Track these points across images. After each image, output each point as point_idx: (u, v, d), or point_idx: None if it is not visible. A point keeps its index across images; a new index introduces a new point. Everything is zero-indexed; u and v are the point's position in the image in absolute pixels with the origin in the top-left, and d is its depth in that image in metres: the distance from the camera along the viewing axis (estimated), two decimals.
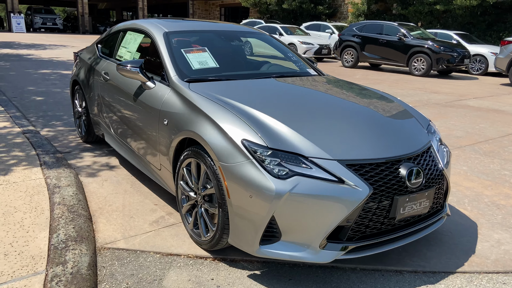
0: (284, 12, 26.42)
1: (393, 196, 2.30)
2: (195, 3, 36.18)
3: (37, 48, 16.86)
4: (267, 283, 2.37)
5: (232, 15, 34.61)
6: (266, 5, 27.27)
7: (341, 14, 26.00)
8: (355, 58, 15.43)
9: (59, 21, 31.00)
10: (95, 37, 27.35)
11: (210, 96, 2.73)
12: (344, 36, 15.91)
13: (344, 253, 2.25)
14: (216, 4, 35.78)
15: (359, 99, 3.09)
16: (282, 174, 2.19)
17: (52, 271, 2.26)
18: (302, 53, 17.54)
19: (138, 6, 32.87)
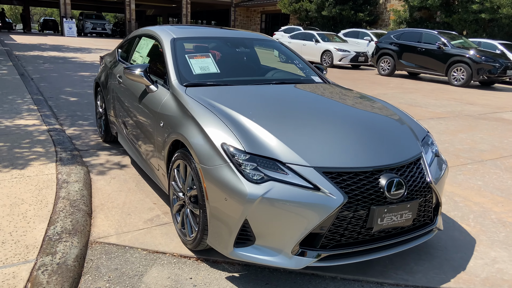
0: (324, 19, 26.28)
1: (370, 206, 2.28)
2: (237, 10, 36.71)
3: (83, 52, 17.70)
4: (243, 286, 2.41)
5: (273, 21, 34.82)
6: (305, 12, 27.25)
7: (382, 22, 25.54)
8: (391, 66, 15.12)
9: (108, 26, 32.42)
10: None
11: (202, 100, 2.82)
12: (381, 43, 15.64)
13: (316, 261, 2.26)
14: (258, 11, 36.13)
15: (353, 107, 3.07)
16: (257, 179, 2.24)
17: (41, 260, 2.42)
18: (338, 60, 17.41)
19: (182, 13, 33.78)
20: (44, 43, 21.19)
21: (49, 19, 41.45)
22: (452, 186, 4.13)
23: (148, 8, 51.76)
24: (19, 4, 53.40)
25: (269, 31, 32.88)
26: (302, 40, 19.35)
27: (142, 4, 44.93)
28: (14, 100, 6.49)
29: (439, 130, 6.65)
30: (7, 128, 4.91)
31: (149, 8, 51.70)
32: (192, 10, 39.85)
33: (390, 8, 24.25)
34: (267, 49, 4.17)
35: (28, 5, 50.97)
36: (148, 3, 40.62)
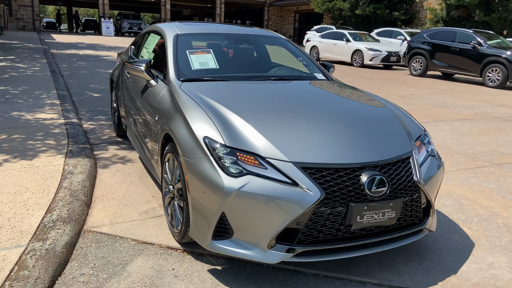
0: (358, 18, 25.88)
1: (348, 203, 2.24)
2: (271, 9, 36.72)
3: (116, 50, 18.23)
4: (222, 278, 2.43)
5: (306, 21, 34.60)
6: (339, 11, 26.92)
7: (418, 21, 24.87)
8: (423, 66, 14.70)
9: (143, 26, 33.19)
10: None
11: (193, 95, 2.85)
12: (413, 43, 15.23)
13: (292, 256, 2.25)
14: (291, 11, 36.01)
15: (347, 104, 3.02)
16: (235, 172, 2.25)
17: (32, 245, 2.52)
18: (369, 60, 17.10)
19: (216, 13, 34.15)
20: (81, 42, 21.98)
21: (91, 19, 42.92)
22: (462, 188, 3.98)
23: (184, 8, 52.65)
24: (63, 5, 55.72)
25: (302, 31, 32.72)
26: (332, 40, 19.14)
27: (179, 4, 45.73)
28: (39, 95, 6.78)
29: (462, 131, 6.42)
30: (27, 121, 5.14)
31: (185, 8, 52.58)
32: (226, 10, 40.21)
33: (427, 7, 23.57)
34: (274, 46, 4.15)
35: (71, 6, 53.05)
36: (184, 3, 41.31)
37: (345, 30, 20.26)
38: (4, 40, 17.78)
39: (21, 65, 10.25)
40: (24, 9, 27.52)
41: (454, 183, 4.13)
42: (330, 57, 19.15)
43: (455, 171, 4.50)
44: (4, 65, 10.02)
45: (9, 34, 22.00)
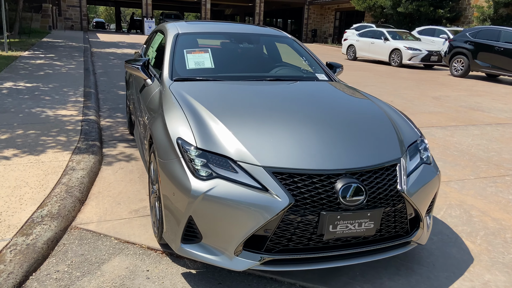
0: (400, 16, 25.06)
1: (320, 212, 2.13)
2: (311, 7, 36.30)
3: None
4: (194, 283, 2.38)
5: (347, 19, 33.92)
6: (380, 8, 26.19)
7: (465, 19, 23.73)
8: (465, 66, 13.99)
9: None
10: None
11: (179, 95, 2.82)
12: (455, 42, 14.53)
13: (260, 264, 2.16)
14: (332, 9, 35.42)
15: (336, 107, 2.87)
16: (204, 175, 2.19)
17: (15, 240, 2.58)
18: (407, 59, 16.50)
19: (255, 12, 34.19)
20: (123, 41, 22.67)
21: (136, 19, 44.29)
22: (475, 198, 3.72)
23: (226, 7, 53.14)
24: (112, 5, 57.90)
25: (342, 30, 32.08)
26: (370, 38, 18.63)
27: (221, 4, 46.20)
28: (66, 93, 7.02)
29: (492, 137, 6.03)
30: (46, 118, 5.33)
31: (227, 7, 53.06)
32: (266, 9, 40.17)
33: (474, 4, 22.45)
34: (280, 45, 4.05)
35: (119, 6, 54.94)
36: (226, 2, 41.65)
37: (385, 28, 19.64)
38: (50, 38, 18.64)
39: (58, 63, 10.69)
40: (72, 9, 28.75)
41: (468, 192, 3.87)
42: (368, 56, 18.65)
43: (473, 179, 4.22)
44: (42, 62, 10.48)
45: (56, 33, 23.04)
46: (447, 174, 4.32)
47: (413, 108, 8.02)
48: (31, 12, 21.35)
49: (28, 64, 9.95)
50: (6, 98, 6.33)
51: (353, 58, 19.53)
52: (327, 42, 35.23)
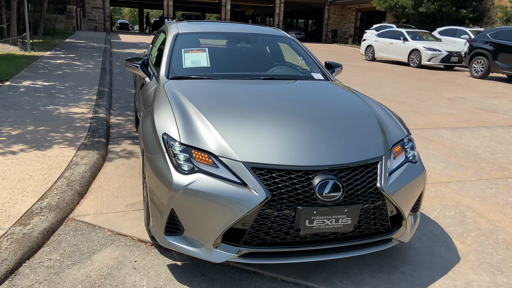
0: (422, 16, 24.68)
1: (296, 207, 2.18)
2: (331, 8, 36.11)
3: None
4: (178, 274, 2.46)
5: (368, 19, 33.59)
6: (402, 8, 25.85)
7: (488, 19, 23.20)
8: (485, 67, 13.70)
9: None
10: None
11: (170, 92, 2.91)
12: (475, 42, 14.24)
13: (238, 256, 2.22)
14: (353, 9, 35.15)
15: (323, 105, 2.90)
16: (186, 169, 2.27)
17: (13, 229, 2.72)
18: (427, 60, 16.26)
19: (275, 12, 34.25)
20: (143, 41, 23.07)
21: (159, 20, 44.95)
22: (473, 199, 3.69)
23: (247, 8, 53.36)
24: (136, 7, 58.98)
25: (363, 30, 31.81)
26: (389, 39, 18.43)
27: (242, 4, 46.44)
28: (81, 91, 7.24)
29: (502, 139, 5.92)
30: (58, 115, 5.52)
31: (248, 8, 53.27)
32: (287, 9, 40.17)
33: (497, 4, 21.92)
34: (279, 45, 4.10)
35: (143, 8, 55.88)
36: (247, 3, 41.85)
37: (405, 28, 19.39)
38: (73, 39, 19.14)
39: (77, 62, 10.99)
40: (96, 10, 29.42)
41: (467, 193, 3.83)
42: (386, 57, 18.46)
43: (474, 181, 4.17)
44: (62, 62, 10.80)
45: (80, 34, 23.63)
46: (448, 175, 4.28)
47: (426, 109, 7.93)
48: (56, 13, 21.95)
49: (48, 64, 10.27)
50: (23, 96, 6.58)
51: (371, 58, 19.35)
52: (348, 42, 34.98)
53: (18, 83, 7.60)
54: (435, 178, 4.19)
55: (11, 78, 8.05)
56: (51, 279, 2.35)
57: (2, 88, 7.11)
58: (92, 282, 2.35)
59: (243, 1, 40.15)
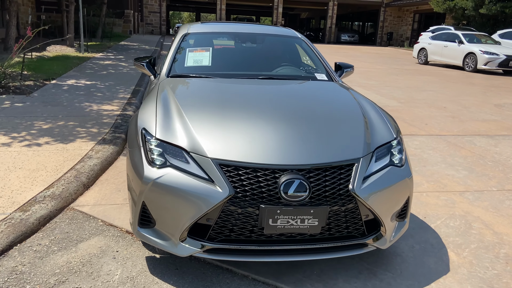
0: (483, 17, 23.34)
1: (259, 205, 2.16)
2: (387, 10, 35.09)
3: None
4: (153, 266, 2.52)
5: (426, 22, 32.27)
6: (461, 10, 24.58)
7: None
8: None
9: None
10: None
11: (162, 89, 2.99)
12: None
13: (201, 251, 2.24)
14: (410, 11, 33.93)
15: (310, 105, 2.84)
16: (158, 164, 2.33)
17: (13, 215, 2.92)
18: (483, 64, 15.36)
19: (328, 15, 33.87)
20: None
21: None
22: (486, 210, 3.45)
23: (302, 11, 53.22)
24: (193, 11, 61.02)
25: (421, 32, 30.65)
26: (443, 41, 17.60)
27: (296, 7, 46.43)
28: (118, 90, 7.59)
29: None
30: (90, 112, 5.83)
31: (303, 11, 53.12)
32: (341, 12, 39.56)
33: None
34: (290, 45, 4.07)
35: (200, 12, 57.54)
36: (301, 6, 41.76)
37: (462, 31, 18.42)
38: (127, 42, 20.09)
39: (123, 63, 11.53)
40: (153, 15, 30.68)
41: (481, 204, 3.59)
42: (440, 60, 17.64)
43: (494, 191, 3.89)
44: (109, 63, 11.38)
45: (135, 37, 24.74)
46: (466, 184, 4.03)
47: (467, 115, 7.50)
48: (113, 17, 23.15)
49: (96, 65, 10.87)
50: (64, 93, 7.01)
51: (424, 62, 18.58)
52: (403, 45, 33.82)
53: (63, 81, 8.12)
54: (451, 186, 3.96)
55: (59, 77, 8.60)
56: (34, 263, 2.50)
57: (48, 86, 7.62)
58: (70, 268, 2.47)
59: (297, 4, 40.08)
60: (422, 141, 5.54)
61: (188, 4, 53.46)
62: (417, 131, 6.08)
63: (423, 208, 3.43)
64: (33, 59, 10.77)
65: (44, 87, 7.48)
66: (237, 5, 40.46)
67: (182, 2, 53.31)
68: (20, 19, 19.03)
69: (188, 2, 49.83)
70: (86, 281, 2.35)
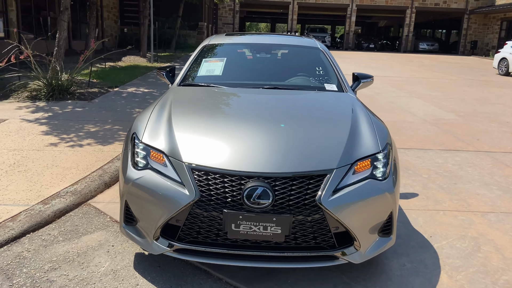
0: None
1: (222, 210, 2.23)
2: (472, 17, 32.93)
3: None
4: (138, 262, 2.69)
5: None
6: None
7: None
8: None
9: (327, 38, 34.12)
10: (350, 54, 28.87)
11: (166, 96, 3.18)
12: None
13: (171, 251, 2.36)
14: (497, 18, 31.54)
15: (302, 115, 2.87)
16: (140, 166, 2.50)
17: (34, 206, 3.27)
18: None
19: (405, 23, 32.62)
20: None
21: None
22: (504, 234, 3.17)
23: (380, 19, 51.78)
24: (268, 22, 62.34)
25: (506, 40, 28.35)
26: None
27: (374, 16, 45.29)
28: None
29: None
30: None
31: (381, 19, 51.66)
32: (422, 19, 37.88)
33: None
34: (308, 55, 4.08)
35: (275, 23, 58.52)
36: (376, 14, 40.72)
37: None
38: None
39: None
40: (227, 26, 31.83)
41: (502, 226, 3.30)
42: None
43: None
44: None
45: None
46: (494, 205, 3.72)
47: None
48: (186, 29, 24.38)
49: None
50: (121, 100, 7.59)
51: (505, 73, 17.16)
52: (489, 55, 31.47)
53: (125, 89, 8.78)
54: (476, 206, 3.68)
55: (122, 85, 9.31)
56: (38, 250, 2.79)
57: (110, 93, 8.30)
58: (66, 257, 2.72)
59: (374, 12, 39.12)
60: (464, 157, 5.19)
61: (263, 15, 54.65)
62: (464, 147, 5.69)
63: (432, 227, 3.25)
64: (106, 68, 11.75)
65: (106, 94, 8.15)
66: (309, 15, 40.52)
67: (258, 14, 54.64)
68: (105, 31, 20.83)
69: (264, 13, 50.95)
70: (75, 270, 2.58)
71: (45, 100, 7.38)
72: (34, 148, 4.67)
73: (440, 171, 4.61)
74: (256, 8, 40.48)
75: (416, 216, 3.43)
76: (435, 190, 4.05)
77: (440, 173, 4.54)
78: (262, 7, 37.64)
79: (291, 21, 31.82)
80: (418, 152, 5.34)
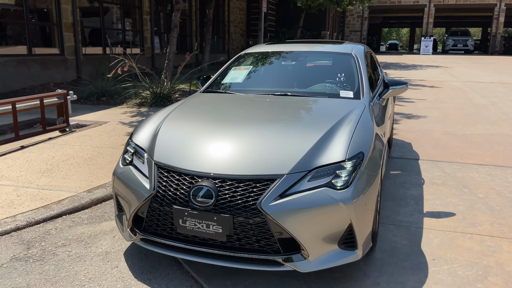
0: None
1: (172, 205, 2.40)
2: None
3: (409, 69, 18.31)
4: (131, 248, 3.00)
5: None
6: None
7: None
8: None
9: (470, 42, 30.92)
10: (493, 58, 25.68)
11: (181, 102, 3.47)
12: None
13: (137, 239, 2.61)
14: None
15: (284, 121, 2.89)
16: (126, 162, 2.83)
17: (79, 194, 3.86)
18: None
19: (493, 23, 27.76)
20: (391, 61, 23.09)
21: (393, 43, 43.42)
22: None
23: None
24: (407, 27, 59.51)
25: None
26: None
27: None
28: None
29: None
30: None
31: None
32: None
33: None
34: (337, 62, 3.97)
35: (414, 27, 55.43)
36: None
37: None
38: None
39: None
40: (354, 34, 31.27)
41: None
42: None
43: None
44: None
45: None
46: None
47: None
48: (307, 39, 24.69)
49: None
50: None
51: None
52: None
53: None
54: (506, 232, 3.14)
55: None
56: (62, 229, 3.31)
57: None
58: (79, 237, 3.18)
59: None
60: None
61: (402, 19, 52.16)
62: None
63: (444, 250, 2.89)
64: None
65: None
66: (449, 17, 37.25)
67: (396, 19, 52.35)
68: (231, 44, 22.43)
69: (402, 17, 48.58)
70: (78, 248, 3.02)
71: (148, 106, 8.40)
72: (112, 146, 5.42)
73: (504, 192, 3.99)
74: (392, 13, 38.92)
75: (433, 237, 3.08)
76: (480, 211, 3.54)
77: (502, 194, 3.93)
78: (398, 11, 36.02)
79: (426, 24, 29.76)
80: (493, 170, 4.67)
